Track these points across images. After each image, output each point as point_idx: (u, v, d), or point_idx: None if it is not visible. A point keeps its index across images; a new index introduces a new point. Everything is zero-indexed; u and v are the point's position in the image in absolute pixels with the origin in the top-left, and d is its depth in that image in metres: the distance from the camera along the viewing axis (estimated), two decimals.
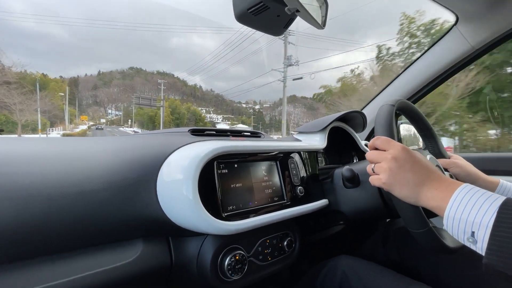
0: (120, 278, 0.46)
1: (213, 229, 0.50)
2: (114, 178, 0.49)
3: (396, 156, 0.49)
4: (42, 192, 0.41)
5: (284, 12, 0.55)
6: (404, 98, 1.16)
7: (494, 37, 0.95)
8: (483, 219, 0.37)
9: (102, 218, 0.46)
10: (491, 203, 0.38)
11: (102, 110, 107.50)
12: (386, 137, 0.54)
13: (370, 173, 0.55)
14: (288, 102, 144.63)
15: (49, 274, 0.40)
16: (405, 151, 0.50)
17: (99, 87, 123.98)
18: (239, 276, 0.56)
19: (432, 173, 0.48)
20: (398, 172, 0.49)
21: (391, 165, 0.49)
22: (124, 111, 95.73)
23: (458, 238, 0.41)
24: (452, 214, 0.41)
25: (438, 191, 0.45)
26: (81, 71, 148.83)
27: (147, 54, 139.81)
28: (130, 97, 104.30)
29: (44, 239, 0.41)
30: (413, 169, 0.48)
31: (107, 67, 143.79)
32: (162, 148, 0.56)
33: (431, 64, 1.08)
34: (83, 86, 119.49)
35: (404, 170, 0.48)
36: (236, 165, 0.59)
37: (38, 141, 0.57)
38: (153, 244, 0.52)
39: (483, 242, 0.37)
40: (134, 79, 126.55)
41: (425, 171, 0.48)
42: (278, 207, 0.64)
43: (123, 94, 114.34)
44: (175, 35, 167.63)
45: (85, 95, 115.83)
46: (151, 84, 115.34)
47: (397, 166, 0.49)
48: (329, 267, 0.67)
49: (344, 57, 78.83)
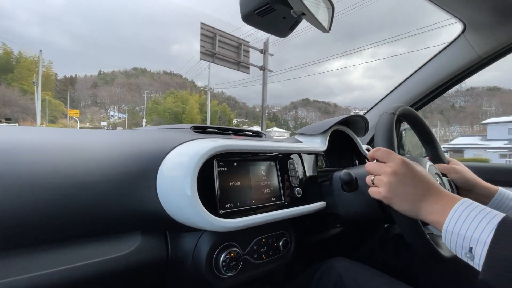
0: (116, 270, 0.47)
1: (210, 226, 0.50)
2: (115, 171, 0.50)
3: (396, 171, 0.49)
4: (42, 182, 0.42)
5: (290, 15, 0.55)
6: (408, 104, 1.16)
7: (502, 47, 0.95)
8: (481, 236, 0.37)
9: (101, 209, 0.47)
10: (490, 220, 0.38)
11: (103, 111, 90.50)
12: (386, 149, 0.54)
13: (370, 185, 0.55)
14: (301, 106, 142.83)
15: (46, 262, 0.41)
16: (405, 165, 0.50)
17: (100, 86, 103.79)
18: (233, 273, 0.57)
19: (432, 187, 0.48)
20: (397, 186, 0.49)
21: (390, 179, 0.49)
22: (130, 113, 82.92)
23: (456, 253, 0.42)
24: (451, 228, 0.41)
25: (437, 205, 0.45)
26: (80, 71, 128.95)
27: (152, 55, 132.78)
28: (136, 98, 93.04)
29: (42, 228, 0.42)
30: (413, 183, 0.48)
31: (109, 67, 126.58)
32: (164, 143, 0.57)
33: (437, 71, 1.07)
34: (81, 85, 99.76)
35: (403, 184, 0.48)
36: (236, 164, 0.60)
37: (41, 131, 0.58)
38: (150, 238, 0.53)
39: (481, 258, 0.37)
40: (140, 78, 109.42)
41: (425, 185, 0.48)
42: (276, 207, 0.64)
43: (127, 94, 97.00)
44: (177, 41, 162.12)
45: (83, 95, 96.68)
46: (158, 83, 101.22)
47: (397, 181, 0.49)
48: (324, 269, 0.67)
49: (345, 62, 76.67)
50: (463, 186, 0.73)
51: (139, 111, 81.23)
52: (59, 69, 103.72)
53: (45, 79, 43.63)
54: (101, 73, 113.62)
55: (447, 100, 53.33)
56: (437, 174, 0.71)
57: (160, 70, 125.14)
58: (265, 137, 0.85)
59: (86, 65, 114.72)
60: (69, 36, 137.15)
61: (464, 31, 0.98)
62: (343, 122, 0.96)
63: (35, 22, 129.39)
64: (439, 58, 1.06)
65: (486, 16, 0.90)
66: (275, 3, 0.54)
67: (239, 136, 0.75)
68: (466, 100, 49.21)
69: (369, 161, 0.57)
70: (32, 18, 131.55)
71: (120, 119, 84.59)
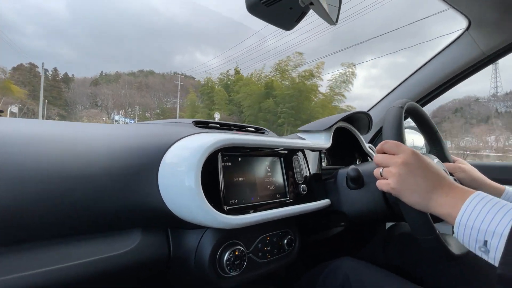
0: (116, 267, 0.45)
1: (214, 222, 0.48)
2: (115, 164, 0.47)
3: (407, 161, 0.48)
4: (38, 174, 0.40)
5: (297, 5, 0.54)
6: (412, 101, 1.14)
7: (506, 43, 0.94)
8: (497, 228, 0.36)
9: (100, 204, 0.44)
10: (506, 212, 0.36)
11: (105, 115, 69.54)
12: (395, 141, 0.52)
13: (378, 177, 0.53)
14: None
15: (44, 259, 0.39)
16: (415, 156, 0.48)
17: (101, 84, 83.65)
18: (237, 272, 0.55)
19: (443, 179, 0.47)
20: (408, 177, 0.47)
21: (400, 170, 0.48)
22: (140, 118, 65.24)
23: (469, 247, 0.40)
24: (464, 221, 0.40)
25: (449, 197, 0.44)
26: (79, 71, 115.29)
27: (155, 65, 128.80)
28: (147, 99, 74.70)
29: (39, 223, 0.40)
30: (423, 174, 0.47)
31: (112, 69, 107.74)
32: (166, 137, 0.55)
33: (441, 68, 1.06)
34: (79, 85, 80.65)
35: (414, 175, 0.47)
36: (240, 159, 0.58)
37: (39, 123, 0.56)
38: (151, 235, 0.51)
39: (497, 251, 0.36)
40: (149, 78, 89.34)
41: (436, 176, 0.47)
42: (280, 204, 0.62)
43: (136, 94, 76.80)
44: (180, 52, 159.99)
45: (78, 94, 76.80)
46: (170, 84, 79.20)
47: (407, 171, 0.47)
48: (330, 269, 0.66)
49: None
50: (469, 185, 0.72)
51: (149, 117, 67.24)
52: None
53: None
54: (102, 74, 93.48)
55: (484, 106, 47.85)
56: (445, 171, 0.69)
57: (171, 71, 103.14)
58: (268, 133, 0.84)
59: (87, 71, 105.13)
60: (74, 48, 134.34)
61: (468, 27, 0.97)
62: (347, 119, 0.95)
63: (41, 35, 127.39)
64: (444, 54, 1.06)
65: (491, 12, 0.89)
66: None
67: (241, 132, 0.73)
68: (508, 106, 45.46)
69: (376, 155, 0.55)
70: (38, 31, 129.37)
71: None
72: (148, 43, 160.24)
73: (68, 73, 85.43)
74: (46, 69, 68.90)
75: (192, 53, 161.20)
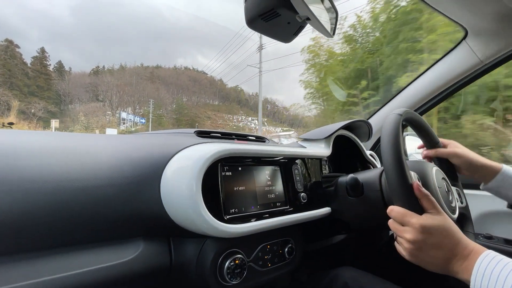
0: (118, 276, 0.45)
1: (215, 231, 0.49)
2: (118, 175, 0.49)
3: (415, 239, 0.48)
4: (44, 186, 0.41)
5: (295, 20, 0.56)
6: (411, 109, 1.15)
7: (504, 52, 0.95)
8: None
9: (104, 214, 0.46)
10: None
11: (109, 110, 56.28)
12: (400, 209, 0.51)
13: (395, 237, 0.55)
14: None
15: (47, 268, 0.40)
16: (423, 231, 0.47)
17: (102, 73, 68.40)
18: (238, 280, 0.55)
19: (455, 248, 0.47)
20: (419, 253, 0.48)
21: (410, 247, 0.49)
22: (156, 118, 51.16)
23: None
24: (478, 284, 0.41)
25: (463, 266, 0.45)
26: (76, 64, 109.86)
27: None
28: (161, 93, 60.26)
29: (44, 233, 0.41)
30: (436, 246, 0.47)
31: (115, 62, 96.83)
32: (168, 147, 0.56)
33: (439, 76, 1.07)
34: (76, 78, 66.34)
35: (426, 250, 0.48)
36: (240, 168, 0.59)
37: (44, 135, 0.58)
38: (153, 244, 0.52)
39: None
40: (160, 69, 75.87)
41: (449, 246, 0.47)
42: (280, 213, 0.63)
43: (147, 86, 62.21)
44: (181, 55, 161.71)
45: (74, 85, 62.06)
46: (179, 79, 68.05)
47: (417, 248, 0.48)
48: (331, 278, 0.66)
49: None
50: (467, 169, 0.73)
51: (163, 114, 53.41)
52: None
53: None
54: (104, 68, 76.38)
55: None
56: (444, 179, 0.70)
57: (181, 66, 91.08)
58: (268, 142, 0.85)
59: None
60: (79, 53, 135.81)
61: (465, 37, 0.98)
62: (347, 127, 0.96)
63: (46, 40, 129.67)
64: (442, 63, 1.07)
65: (488, 22, 0.90)
66: (279, 8, 0.54)
67: (242, 141, 0.75)
68: None
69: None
70: (43, 36, 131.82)
71: (139, 125, 53.96)
72: (152, 47, 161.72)
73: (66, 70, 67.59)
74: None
75: (194, 55, 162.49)
